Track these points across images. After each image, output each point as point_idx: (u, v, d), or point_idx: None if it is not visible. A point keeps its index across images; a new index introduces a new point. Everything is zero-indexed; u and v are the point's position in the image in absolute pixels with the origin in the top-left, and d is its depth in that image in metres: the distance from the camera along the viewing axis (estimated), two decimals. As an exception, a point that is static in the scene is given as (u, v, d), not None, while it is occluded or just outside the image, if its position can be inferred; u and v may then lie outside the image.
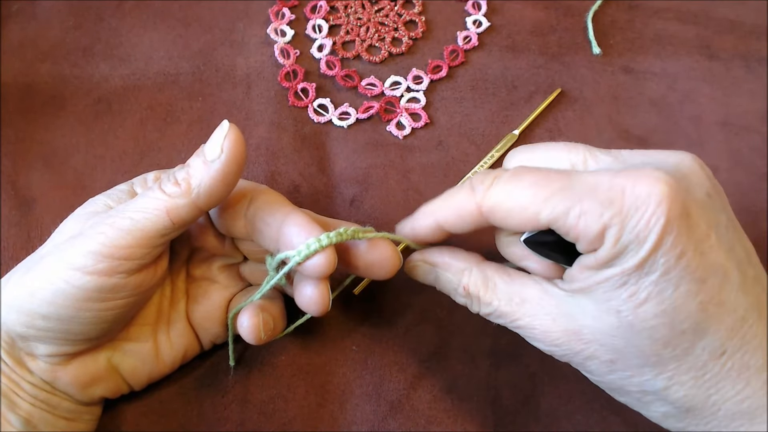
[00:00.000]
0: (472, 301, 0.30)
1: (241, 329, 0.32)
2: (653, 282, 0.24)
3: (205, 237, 0.34)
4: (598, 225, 0.25)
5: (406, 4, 0.49)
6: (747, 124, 0.44)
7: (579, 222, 0.25)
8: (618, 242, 0.24)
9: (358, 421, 0.36)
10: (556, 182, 0.26)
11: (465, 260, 0.31)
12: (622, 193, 0.24)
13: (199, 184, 0.29)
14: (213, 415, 0.36)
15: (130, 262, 0.29)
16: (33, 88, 0.44)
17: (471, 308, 0.31)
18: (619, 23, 0.48)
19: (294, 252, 0.29)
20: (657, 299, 0.25)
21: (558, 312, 0.28)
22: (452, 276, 0.31)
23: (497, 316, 0.30)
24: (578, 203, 0.25)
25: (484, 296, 0.30)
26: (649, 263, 0.24)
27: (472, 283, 0.30)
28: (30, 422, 0.30)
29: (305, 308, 0.31)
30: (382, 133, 0.44)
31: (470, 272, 0.30)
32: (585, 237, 0.25)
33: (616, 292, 0.25)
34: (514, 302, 0.29)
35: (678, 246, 0.24)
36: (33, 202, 0.41)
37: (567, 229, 0.26)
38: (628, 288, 0.25)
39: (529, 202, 0.26)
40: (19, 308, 0.29)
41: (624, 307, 0.25)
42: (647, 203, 0.24)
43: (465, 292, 0.30)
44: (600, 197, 0.25)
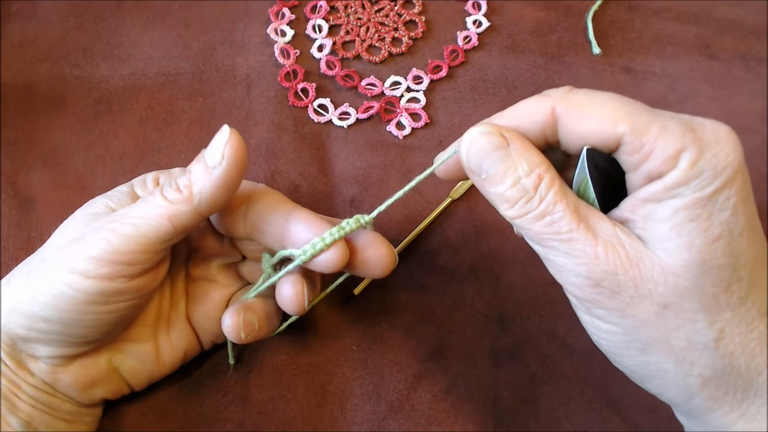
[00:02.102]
0: (534, 196, 0.26)
1: (222, 327, 0.32)
2: (725, 222, 0.24)
3: (204, 237, 0.34)
4: (677, 143, 0.24)
5: (406, 4, 0.49)
6: (747, 124, 0.44)
7: (658, 138, 0.24)
8: (694, 165, 0.24)
9: (358, 421, 0.36)
10: (640, 104, 0.26)
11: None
12: (703, 126, 0.25)
13: (200, 191, 0.29)
14: (213, 415, 0.36)
15: (132, 267, 0.29)
16: (33, 88, 0.44)
17: (522, 207, 0.27)
18: (619, 23, 0.48)
19: (299, 251, 0.29)
20: (728, 238, 0.24)
21: (620, 239, 0.25)
22: (527, 159, 0.27)
23: (551, 222, 0.26)
24: (660, 120, 0.25)
25: (554, 194, 0.26)
26: (723, 196, 0.24)
27: (549, 176, 0.27)
28: (30, 424, 0.30)
29: (283, 306, 0.32)
30: (382, 133, 0.44)
31: (547, 166, 0.27)
32: (661, 155, 0.24)
33: (689, 225, 0.24)
34: (581, 214, 0.26)
35: (744, 191, 0.24)
36: (33, 202, 0.41)
37: (641, 144, 0.25)
38: (701, 222, 0.24)
39: (610, 112, 0.25)
40: (21, 311, 0.29)
41: (697, 241, 0.24)
42: (725, 140, 0.24)
43: (536, 182, 0.26)
44: (683, 120, 0.25)
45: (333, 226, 0.30)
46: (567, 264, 0.26)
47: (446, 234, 0.41)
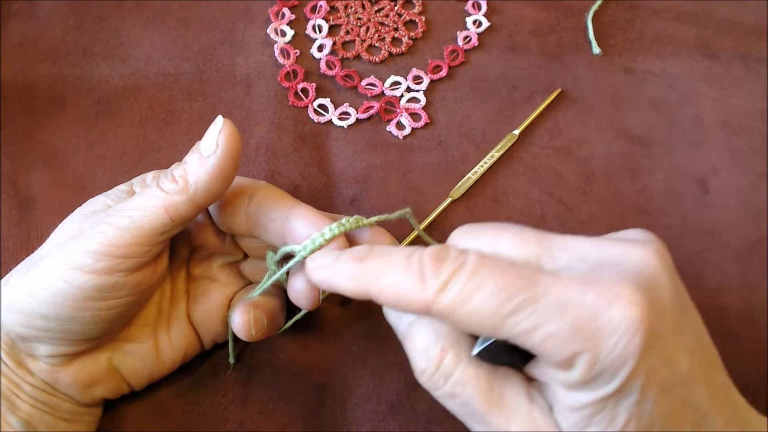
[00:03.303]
0: (439, 371, 0.25)
1: (232, 326, 0.32)
2: (633, 404, 0.23)
3: (205, 235, 0.34)
4: (568, 350, 0.23)
5: (406, 4, 0.49)
6: (747, 124, 0.44)
7: (546, 343, 0.23)
8: (591, 369, 0.23)
9: (358, 421, 0.36)
10: (521, 292, 0.23)
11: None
12: (595, 315, 0.22)
13: (195, 180, 0.29)
14: (213, 415, 0.36)
15: (129, 260, 0.29)
16: (33, 88, 0.44)
17: (428, 380, 0.26)
18: (619, 23, 0.48)
19: (299, 247, 0.30)
20: (636, 418, 0.23)
21: (535, 421, 0.25)
22: (426, 326, 0.26)
23: (463, 403, 0.25)
24: (546, 323, 0.23)
25: (462, 372, 0.25)
26: (627, 387, 0.23)
27: (454, 350, 0.25)
28: (30, 424, 0.30)
29: (296, 301, 0.32)
30: (382, 133, 0.44)
31: (456, 334, 0.26)
32: (553, 359, 0.23)
33: (595, 419, 0.24)
34: (494, 394, 0.25)
35: (651, 364, 0.23)
36: (33, 202, 0.41)
37: (531, 347, 0.23)
38: (607, 413, 0.23)
39: (490, 314, 0.23)
40: (19, 309, 0.29)
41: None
42: (623, 330, 0.22)
43: (439, 356, 0.25)
44: (570, 317, 0.23)
45: (334, 222, 0.30)
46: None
47: (446, 234, 0.41)
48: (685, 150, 0.44)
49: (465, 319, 0.24)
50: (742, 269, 0.40)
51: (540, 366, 0.25)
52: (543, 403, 0.25)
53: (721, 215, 0.42)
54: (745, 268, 0.40)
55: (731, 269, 0.40)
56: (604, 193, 0.42)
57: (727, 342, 0.38)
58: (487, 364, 0.26)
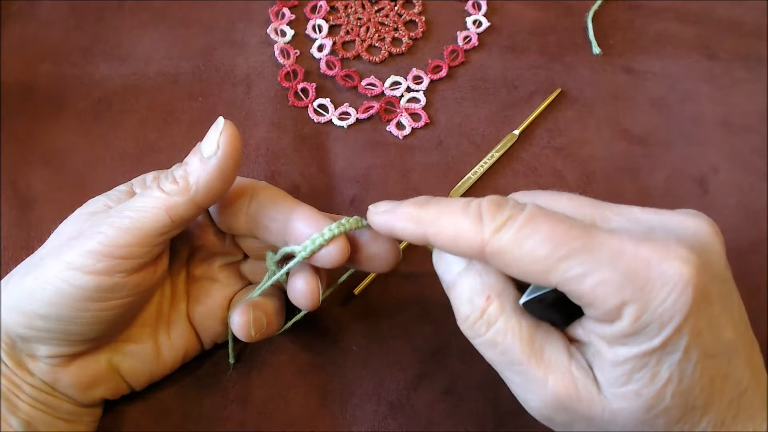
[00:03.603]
0: (482, 318, 0.26)
1: (232, 326, 0.32)
2: (675, 363, 0.23)
3: (206, 235, 0.34)
4: (617, 299, 0.23)
5: (406, 4, 0.49)
6: (747, 124, 0.44)
7: (596, 290, 0.23)
8: (638, 320, 0.23)
9: (358, 421, 0.36)
10: (575, 240, 0.23)
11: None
12: (647, 267, 0.23)
13: (196, 181, 0.29)
14: (213, 415, 0.36)
15: (129, 261, 0.29)
16: (33, 88, 0.44)
17: (470, 327, 0.26)
18: (619, 23, 0.48)
19: (299, 247, 0.30)
20: (677, 379, 0.23)
21: (573, 377, 0.25)
22: (482, 279, 0.26)
23: (502, 352, 0.26)
24: (597, 270, 0.23)
25: (505, 321, 0.26)
26: (671, 343, 0.23)
27: (499, 301, 0.26)
28: (30, 424, 0.30)
29: (296, 302, 0.32)
30: (382, 133, 0.44)
31: (501, 289, 0.26)
32: (601, 307, 0.23)
33: (636, 375, 0.24)
34: (534, 346, 0.25)
35: (698, 326, 0.23)
36: (33, 202, 0.41)
37: (579, 294, 0.24)
38: (649, 370, 0.23)
39: (543, 257, 0.24)
40: (19, 309, 0.29)
41: (645, 390, 0.24)
42: (674, 284, 0.23)
43: (485, 304, 0.26)
44: (623, 267, 0.23)
45: (334, 223, 0.30)
46: (522, 393, 0.26)
47: (446, 234, 0.41)
48: (685, 150, 0.44)
49: (517, 261, 0.24)
50: (742, 269, 0.40)
51: (583, 324, 0.26)
52: (582, 362, 0.25)
53: (721, 215, 0.42)
54: (745, 268, 0.40)
55: (731, 269, 0.40)
56: (604, 193, 0.42)
57: (727, 342, 0.38)
58: (530, 317, 0.26)
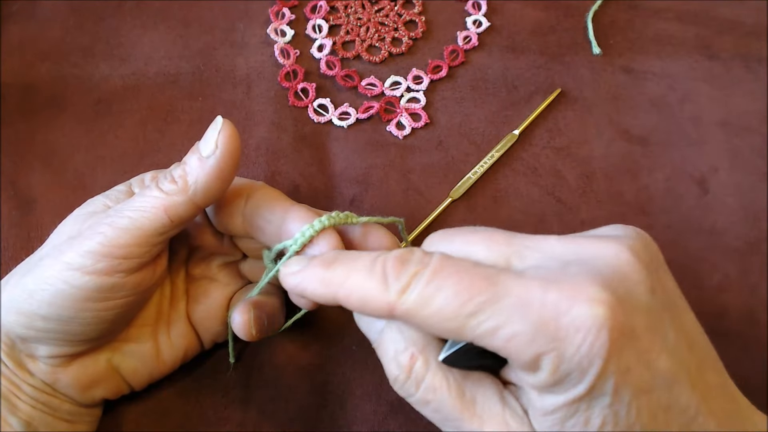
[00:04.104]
0: (411, 378, 0.25)
1: (232, 326, 0.32)
2: (607, 406, 0.22)
3: (204, 235, 0.34)
4: (531, 350, 0.22)
5: (406, 4, 0.49)
6: (747, 124, 0.44)
7: (509, 344, 0.22)
8: (557, 370, 0.22)
9: (358, 421, 0.36)
10: (482, 292, 0.23)
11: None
12: (557, 314, 0.22)
13: (195, 180, 0.29)
14: (213, 415, 0.36)
15: (129, 261, 0.29)
16: (33, 88, 0.44)
17: (401, 386, 0.26)
18: (619, 23, 0.48)
19: (291, 241, 0.29)
20: (612, 421, 0.23)
21: (509, 426, 0.24)
22: (405, 336, 0.26)
23: (435, 409, 0.25)
24: (508, 323, 0.22)
25: (433, 377, 0.25)
26: (597, 388, 0.22)
27: (423, 356, 0.25)
28: (30, 424, 0.30)
29: (296, 301, 0.32)
30: (382, 133, 0.44)
31: (425, 339, 0.26)
32: (518, 361, 0.23)
33: (569, 422, 0.23)
34: (465, 398, 0.25)
35: (623, 364, 0.22)
36: (33, 202, 0.41)
37: (496, 348, 0.23)
38: (581, 416, 0.23)
39: (452, 315, 0.23)
40: (19, 309, 0.29)
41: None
42: (587, 329, 0.22)
43: (409, 363, 0.25)
44: (532, 317, 0.22)
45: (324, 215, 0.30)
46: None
47: (446, 234, 0.41)
48: (685, 150, 0.44)
49: (428, 321, 0.23)
50: (742, 269, 0.40)
51: (512, 369, 0.25)
52: (517, 407, 0.25)
53: (721, 215, 0.42)
54: (745, 268, 0.40)
55: (731, 269, 0.40)
56: (604, 193, 0.42)
57: (727, 342, 0.38)
58: (458, 369, 0.25)
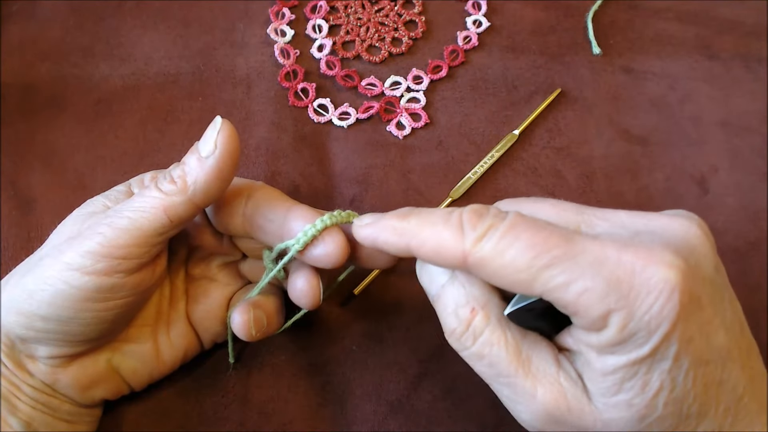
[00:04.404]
0: (468, 331, 0.26)
1: (232, 326, 0.32)
2: (666, 371, 0.23)
3: (203, 235, 0.34)
4: (602, 307, 0.22)
5: (406, 4, 0.49)
6: (747, 124, 0.44)
7: (580, 299, 0.23)
8: (625, 329, 0.22)
9: (358, 421, 0.36)
10: (558, 247, 0.23)
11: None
12: (632, 274, 0.22)
13: (194, 180, 0.29)
14: (213, 415, 0.36)
15: (128, 261, 0.29)
16: (33, 88, 0.44)
17: (457, 340, 0.26)
18: (619, 23, 0.48)
19: (293, 241, 0.29)
20: (669, 387, 0.23)
21: (562, 387, 0.24)
22: (467, 291, 0.26)
23: (490, 364, 0.25)
24: (581, 278, 0.23)
25: (491, 333, 0.25)
26: (660, 351, 0.22)
27: (484, 313, 0.26)
28: (30, 425, 0.30)
29: (297, 301, 0.32)
30: (382, 133, 0.44)
31: (486, 301, 0.26)
32: (586, 316, 0.23)
33: (627, 384, 0.23)
34: (521, 357, 0.25)
35: (688, 332, 0.22)
36: (33, 202, 0.41)
37: (564, 303, 0.23)
38: (640, 378, 0.23)
39: (525, 266, 0.23)
40: (19, 310, 0.29)
41: (637, 400, 0.23)
42: (659, 290, 0.22)
43: (469, 316, 0.26)
44: (606, 274, 0.22)
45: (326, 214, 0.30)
46: (512, 405, 0.26)
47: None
48: (685, 150, 0.44)
49: (500, 272, 0.24)
50: (742, 269, 0.40)
51: (572, 332, 0.25)
52: (572, 371, 0.25)
53: (721, 215, 0.42)
54: (745, 268, 0.40)
55: (731, 269, 0.40)
56: (604, 193, 0.42)
57: (727, 342, 0.38)
58: (516, 328, 0.26)
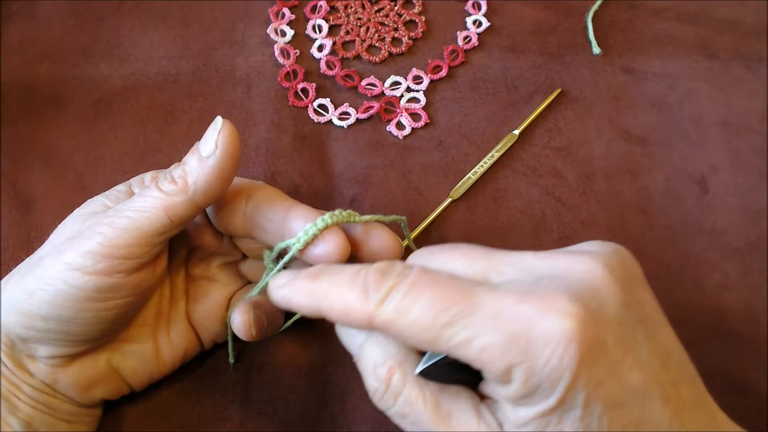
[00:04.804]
0: (388, 391, 0.26)
1: (232, 326, 0.32)
2: (578, 419, 0.23)
3: (203, 235, 0.34)
4: (503, 362, 0.23)
5: (406, 4, 0.49)
6: (747, 124, 0.44)
7: (482, 355, 0.23)
8: (528, 382, 0.22)
9: (358, 421, 0.36)
10: (457, 304, 0.23)
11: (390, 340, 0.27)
12: (528, 327, 0.22)
13: (195, 180, 0.29)
14: (213, 415, 0.36)
15: (128, 261, 0.29)
16: (33, 88, 0.44)
17: (380, 399, 0.26)
18: (619, 23, 0.48)
19: (293, 240, 0.29)
20: None
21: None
22: (383, 349, 0.26)
23: (413, 422, 0.26)
24: (482, 334, 0.23)
25: (409, 391, 0.26)
26: (568, 400, 0.22)
27: (401, 369, 0.26)
28: (30, 425, 0.30)
29: None
30: (382, 133, 0.44)
31: (403, 354, 0.26)
32: (490, 372, 0.23)
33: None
34: (441, 412, 0.25)
35: (594, 377, 0.22)
36: (33, 202, 0.41)
37: (469, 359, 0.23)
38: (553, 428, 0.23)
39: (428, 325, 0.23)
40: (19, 310, 0.29)
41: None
42: (556, 342, 0.22)
43: (387, 375, 0.26)
44: (503, 329, 0.23)
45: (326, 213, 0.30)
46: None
47: (446, 234, 0.41)
48: (685, 150, 0.44)
49: (405, 332, 0.24)
50: (742, 269, 0.40)
51: (487, 384, 0.25)
52: (492, 421, 0.25)
53: (721, 215, 0.42)
54: (745, 268, 0.40)
55: (731, 269, 0.40)
56: (604, 193, 0.42)
57: (727, 342, 0.38)
58: (434, 384, 0.26)
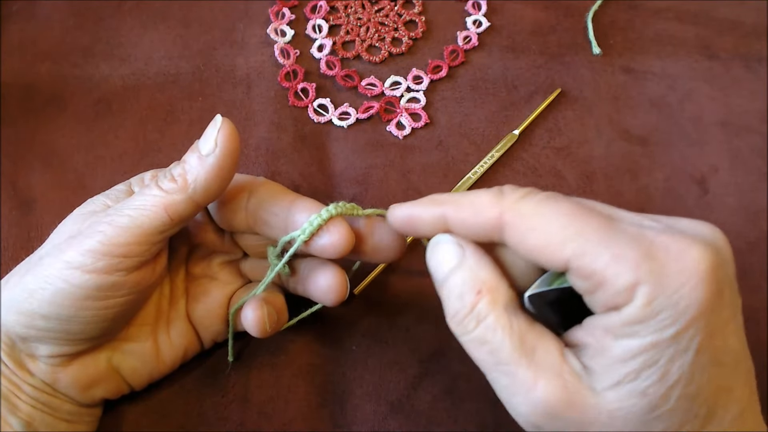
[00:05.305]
0: (472, 313, 0.25)
1: (245, 322, 0.32)
2: (687, 364, 0.22)
3: (204, 233, 0.34)
4: (630, 276, 0.22)
5: (406, 4, 0.49)
6: (747, 124, 0.44)
7: (609, 267, 0.22)
8: (651, 304, 0.21)
9: (358, 421, 0.36)
10: (595, 220, 0.23)
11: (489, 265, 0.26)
12: (666, 252, 0.22)
13: (195, 179, 0.29)
14: (213, 415, 0.36)
15: (128, 259, 0.29)
16: (33, 88, 0.44)
17: (459, 323, 0.25)
18: (619, 23, 0.48)
19: (298, 231, 0.29)
20: (686, 381, 0.22)
21: (564, 380, 0.23)
22: (475, 274, 0.25)
23: (491, 351, 0.24)
24: (615, 246, 0.22)
25: (496, 318, 0.24)
26: (686, 337, 0.21)
27: (490, 297, 0.25)
28: (31, 424, 0.30)
29: (322, 298, 0.32)
30: (382, 133, 0.44)
31: (493, 285, 0.25)
32: (612, 287, 0.22)
33: (646, 372, 0.22)
34: (526, 345, 0.24)
35: (711, 325, 0.21)
36: (33, 202, 0.41)
37: (591, 271, 0.22)
38: (660, 367, 0.22)
39: (559, 230, 0.23)
40: (19, 309, 0.29)
41: (652, 389, 0.22)
42: (692, 272, 0.21)
43: (474, 299, 0.25)
44: (641, 248, 0.22)
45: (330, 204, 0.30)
46: (508, 397, 0.25)
47: (446, 234, 0.41)
48: (685, 150, 0.44)
49: (533, 232, 0.24)
50: (742, 269, 0.40)
51: (585, 324, 0.24)
52: (577, 365, 0.24)
53: (721, 215, 0.42)
54: (745, 268, 0.40)
55: (731, 269, 0.40)
56: (604, 193, 0.42)
57: (727, 342, 0.38)
58: (522, 316, 0.25)
